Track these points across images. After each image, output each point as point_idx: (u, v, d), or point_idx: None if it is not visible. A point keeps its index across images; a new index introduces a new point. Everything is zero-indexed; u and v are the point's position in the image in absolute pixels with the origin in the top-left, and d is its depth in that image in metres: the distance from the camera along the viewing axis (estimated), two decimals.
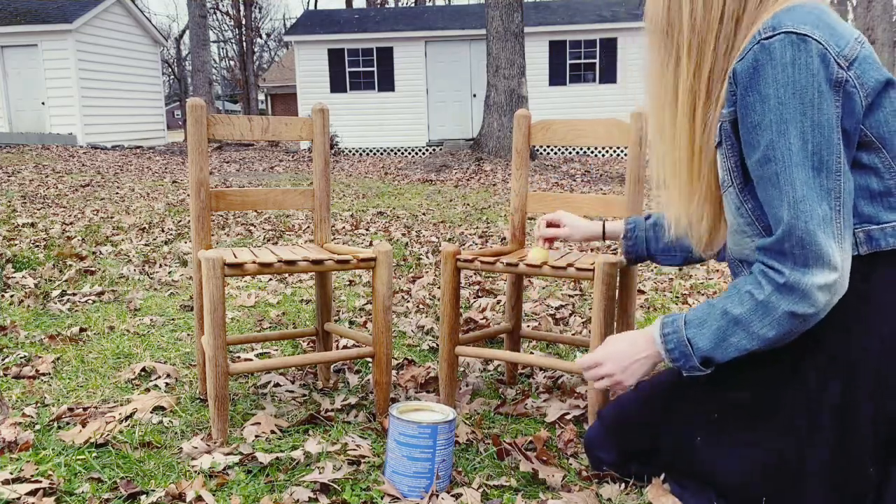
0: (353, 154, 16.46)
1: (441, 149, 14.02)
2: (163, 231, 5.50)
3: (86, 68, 15.93)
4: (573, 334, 2.77)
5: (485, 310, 3.20)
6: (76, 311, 3.19)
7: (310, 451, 1.72)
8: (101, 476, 1.63)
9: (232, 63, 38.67)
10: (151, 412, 2.01)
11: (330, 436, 1.86)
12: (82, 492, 1.56)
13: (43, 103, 15.74)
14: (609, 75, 16.40)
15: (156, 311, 3.21)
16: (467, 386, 2.26)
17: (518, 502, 1.52)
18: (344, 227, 5.80)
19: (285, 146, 17.86)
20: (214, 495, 1.54)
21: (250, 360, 2.56)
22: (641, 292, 3.56)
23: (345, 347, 2.65)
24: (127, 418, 1.97)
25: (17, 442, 1.80)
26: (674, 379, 1.48)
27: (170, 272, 4.01)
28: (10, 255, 4.21)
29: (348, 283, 3.82)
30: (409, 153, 16.57)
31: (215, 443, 1.80)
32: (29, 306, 3.20)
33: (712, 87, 1.32)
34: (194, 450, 1.75)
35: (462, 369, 2.43)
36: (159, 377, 2.31)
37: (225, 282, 1.80)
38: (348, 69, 16.71)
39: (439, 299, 2.31)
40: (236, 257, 1.90)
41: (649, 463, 1.53)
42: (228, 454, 1.73)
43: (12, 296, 3.38)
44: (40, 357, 2.51)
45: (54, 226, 5.59)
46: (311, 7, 40.95)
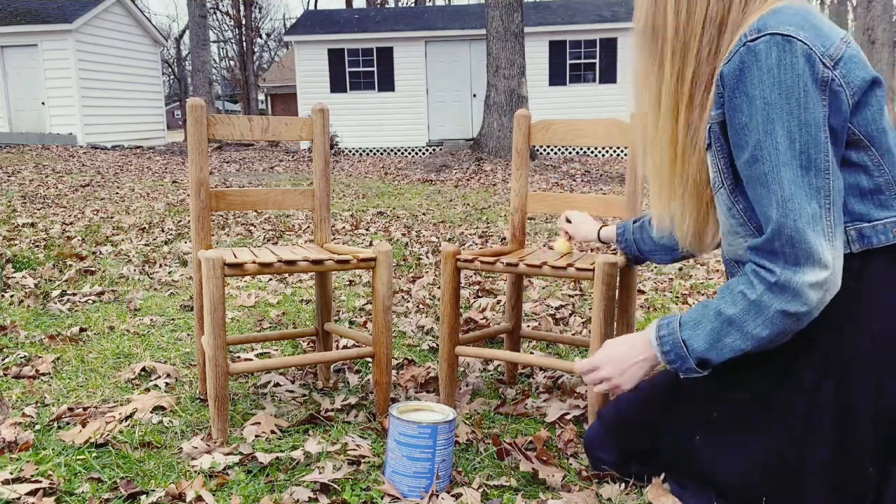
0: (353, 154, 16.46)
1: (441, 149, 14.02)
2: (163, 231, 5.50)
3: (86, 68, 15.93)
4: (573, 334, 2.77)
5: (485, 310, 3.20)
6: (76, 311, 3.19)
7: (310, 451, 1.72)
8: (101, 476, 1.63)
9: (232, 63, 38.69)
10: (151, 412, 2.01)
11: (330, 436, 1.86)
12: (82, 492, 1.56)
13: (43, 103, 15.74)
14: (609, 75, 16.41)
15: (156, 311, 3.21)
16: (467, 386, 2.26)
17: (518, 502, 1.52)
18: (344, 227, 5.81)
19: (285, 146, 17.86)
20: (214, 495, 1.54)
21: (250, 360, 2.56)
22: (641, 292, 3.56)
23: (345, 347, 2.65)
24: (127, 418, 1.97)
25: (17, 442, 1.80)
26: (673, 379, 1.48)
27: (170, 272, 4.01)
28: (10, 255, 4.21)
29: (348, 283, 3.82)
30: (409, 153, 16.57)
31: (215, 443, 1.80)
32: (29, 306, 3.21)
33: (696, 91, 1.33)
34: (194, 450, 1.75)
35: (462, 369, 2.43)
36: (159, 377, 2.31)
37: (225, 282, 1.80)
38: (348, 69, 16.72)
39: (439, 299, 2.31)
40: (236, 257, 1.90)
41: (649, 463, 1.53)
42: (228, 454, 1.73)
43: (12, 296, 3.38)
44: (40, 357, 2.51)
45: (54, 226, 5.59)
46: (311, 7, 40.96)
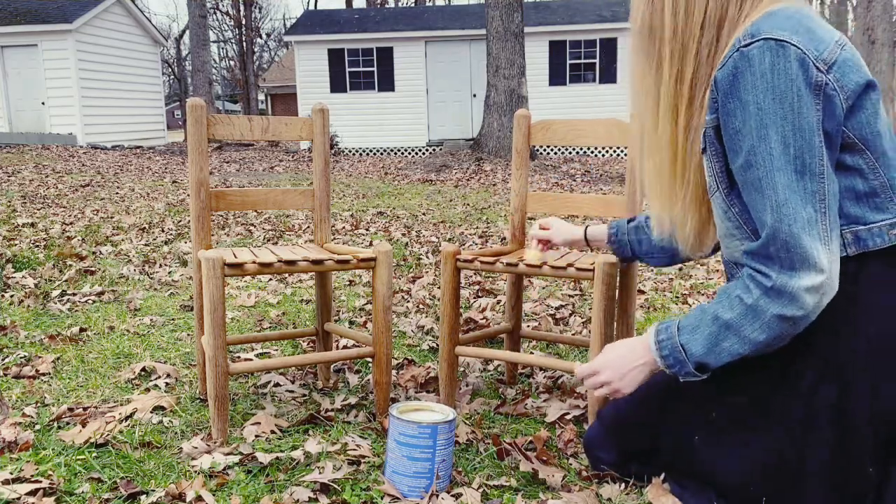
0: (353, 154, 16.46)
1: (441, 149, 14.02)
2: (163, 231, 5.50)
3: (86, 68, 15.93)
4: (573, 334, 2.77)
5: (485, 310, 3.20)
6: (76, 311, 3.19)
7: (310, 451, 1.72)
8: (101, 476, 1.63)
9: (232, 63, 38.68)
10: (151, 412, 2.01)
11: (330, 436, 1.86)
12: (82, 492, 1.56)
13: (43, 103, 15.74)
14: (609, 75, 16.40)
15: (156, 311, 3.21)
16: (467, 386, 2.26)
17: (518, 502, 1.52)
18: (344, 227, 5.81)
19: (285, 146, 17.86)
20: (214, 495, 1.54)
21: (250, 360, 2.56)
22: (641, 292, 3.56)
23: (345, 347, 2.65)
24: (127, 418, 1.97)
25: (17, 442, 1.80)
26: (672, 380, 1.47)
27: (170, 272, 4.01)
28: (10, 255, 4.21)
29: (348, 283, 3.82)
30: (409, 153, 16.57)
31: (215, 443, 1.80)
32: (29, 306, 3.21)
33: (695, 93, 1.32)
34: (194, 450, 1.75)
35: (462, 369, 2.43)
36: (159, 377, 2.31)
37: (225, 282, 1.80)
38: (348, 69, 16.71)
39: (439, 299, 2.31)
40: (236, 257, 1.90)
41: (649, 463, 1.53)
42: (228, 454, 1.73)
43: (12, 296, 3.38)
44: (40, 357, 2.51)
45: (54, 226, 5.59)
46: (311, 7, 40.96)
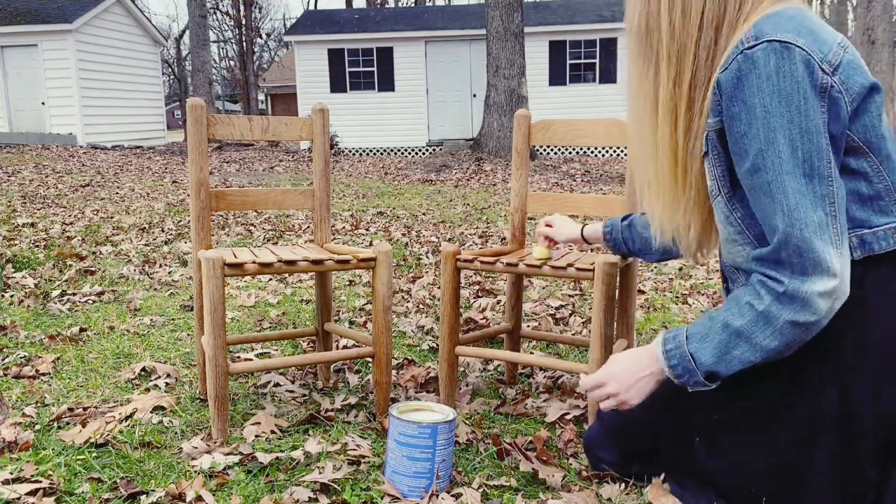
0: (353, 154, 16.46)
1: (441, 149, 14.02)
2: (163, 231, 5.50)
3: (86, 68, 15.93)
4: (573, 334, 2.77)
5: (485, 310, 3.20)
6: (76, 311, 3.19)
7: (310, 451, 1.72)
8: (101, 476, 1.63)
9: (232, 63, 38.68)
10: (151, 412, 2.01)
11: (330, 436, 1.86)
12: (82, 492, 1.56)
13: (43, 103, 15.74)
14: (609, 75, 16.40)
15: (156, 311, 3.21)
16: (467, 386, 2.26)
17: (518, 502, 1.52)
18: (344, 227, 5.80)
19: (285, 146, 17.86)
20: (214, 495, 1.54)
21: (250, 360, 2.56)
22: (641, 292, 3.56)
23: (345, 347, 2.65)
24: (127, 418, 1.97)
25: (17, 442, 1.80)
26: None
27: (170, 272, 4.01)
28: (10, 255, 4.21)
29: (348, 283, 3.82)
30: (409, 153, 16.57)
31: (215, 443, 1.80)
32: (29, 306, 3.21)
33: (695, 96, 1.30)
34: (194, 450, 1.75)
35: (462, 369, 2.43)
36: (159, 377, 2.31)
37: (225, 282, 1.80)
38: (348, 69, 16.71)
39: (439, 299, 2.31)
40: (236, 257, 1.90)
41: (651, 463, 1.53)
42: (228, 454, 1.73)
43: (12, 296, 3.38)
44: (40, 357, 2.51)
45: (54, 226, 5.59)
46: (311, 7, 40.96)
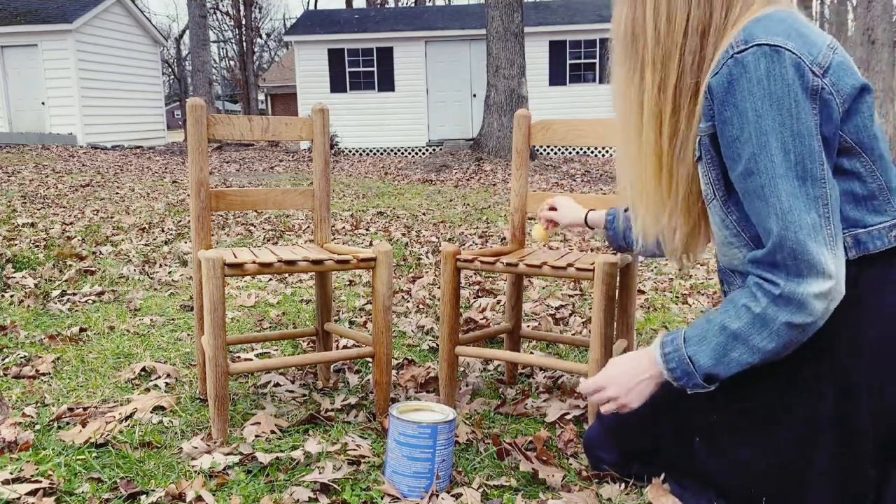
0: (353, 154, 16.46)
1: (441, 149, 14.02)
2: (163, 231, 5.50)
3: (86, 68, 15.93)
4: (573, 334, 2.77)
5: (485, 310, 3.20)
6: (76, 311, 3.19)
7: (310, 451, 1.72)
8: (101, 476, 1.63)
9: (232, 63, 38.68)
10: (151, 412, 2.01)
11: (330, 436, 1.86)
12: (82, 492, 1.56)
13: (43, 103, 15.74)
14: (609, 75, 16.38)
15: (156, 311, 3.21)
16: (467, 386, 2.26)
17: (518, 502, 1.52)
18: (344, 227, 5.80)
19: (285, 146, 17.86)
20: (214, 495, 1.54)
21: (250, 360, 2.56)
22: (641, 292, 3.56)
23: (345, 347, 2.65)
24: (127, 418, 1.97)
25: (17, 442, 1.80)
26: None
27: (170, 272, 4.01)
28: (10, 255, 4.21)
29: (348, 283, 3.82)
30: (409, 153, 16.57)
31: (215, 443, 1.80)
32: (29, 306, 3.21)
33: (680, 101, 1.30)
34: (194, 450, 1.75)
35: (462, 369, 2.43)
36: (159, 377, 2.31)
37: (225, 282, 1.80)
38: (348, 69, 16.71)
39: (439, 299, 2.31)
40: (236, 257, 1.90)
41: (651, 463, 1.53)
42: (228, 454, 1.73)
43: (12, 296, 3.38)
44: (40, 357, 2.51)
45: (54, 226, 5.59)
46: (311, 7, 40.96)
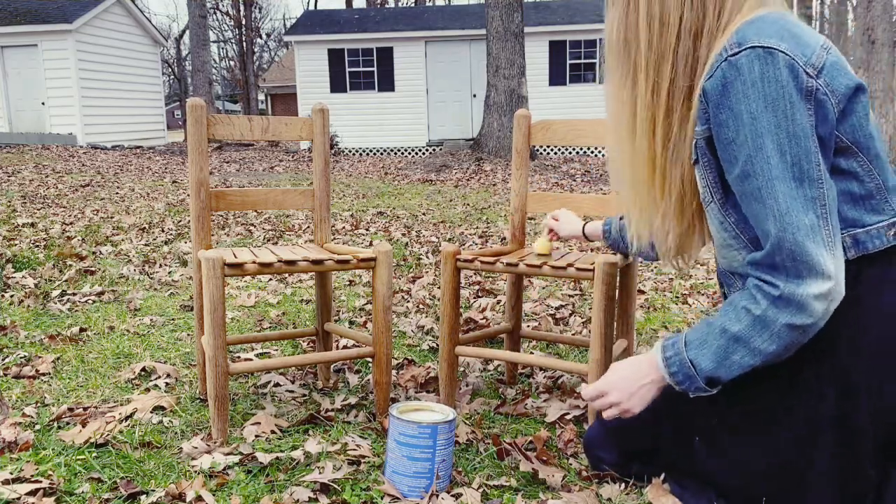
0: (353, 154, 16.46)
1: (441, 149, 14.02)
2: (163, 231, 5.50)
3: (86, 68, 15.92)
4: (573, 334, 2.77)
5: (485, 310, 3.20)
6: (76, 311, 3.19)
7: (310, 451, 1.72)
8: (101, 476, 1.63)
9: (232, 63, 38.67)
10: (151, 412, 2.01)
11: (330, 436, 1.86)
12: (82, 492, 1.56)
13: (43, 103, 15.74)
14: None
15: (156, 311, 3.21)
16: (467, 386, 2.26)
17: (518, 502, 1.52)
18: (344, 227, 5.80)
19: (285, 146, 17.86)
20: (214, 495, 1.54)
21: (250, 360, 2.56)
22: (641, 292, 3.56)
23: (345, 347, 2.65)
24: (127, 418, 1.97)
25: (17, 442, 1.80)
26: None
27: (170, 272, 4.01)
28: (10, 255, 4.21)
29: (348, 283, 3.82)
30: (409, 153, 16.57)
31: (215, 443, 1.80)
32: (29, 306, 3.21)
33: (673, 105, 1.31)
34: (194, 450, 1.75)
35: (462, 369, 2.43)
36: (159, 377, 2.31)
37: (225, 282, 1.80)
38: (348, 69, 16.71)
39: (439, 299, 2.31)
40: (236, 257, 1.90)
41: (651, 463, 1.53)
42: (228, 454, 1.73)
43: (12, 296, 3.38)
44: (40, 357, 2.51)
45: (54, 226, 5.59)
46: (311, 7, 40.96)
